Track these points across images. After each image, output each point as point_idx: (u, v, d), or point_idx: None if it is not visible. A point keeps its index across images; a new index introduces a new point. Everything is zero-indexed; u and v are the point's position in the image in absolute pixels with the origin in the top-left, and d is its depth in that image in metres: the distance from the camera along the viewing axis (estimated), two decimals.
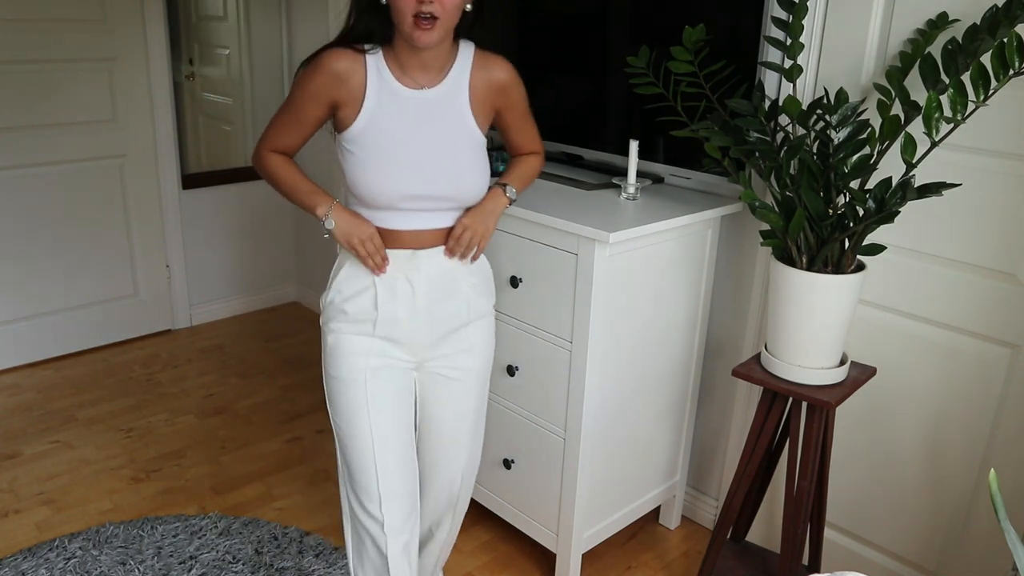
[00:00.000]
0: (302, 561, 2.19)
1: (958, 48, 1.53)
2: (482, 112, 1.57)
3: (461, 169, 1.54)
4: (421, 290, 1.57)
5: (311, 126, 1.57)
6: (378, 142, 1.49)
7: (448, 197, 1.54)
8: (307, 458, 2.72)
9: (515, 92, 1.62)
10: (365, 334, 1.57)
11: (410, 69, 1.50)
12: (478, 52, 1.56)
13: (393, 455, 1.60)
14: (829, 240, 1.61)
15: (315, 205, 1.56)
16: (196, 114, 3.64)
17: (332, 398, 1.62)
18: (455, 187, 1.54)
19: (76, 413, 2.95)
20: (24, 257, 3.18)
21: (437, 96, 1.52)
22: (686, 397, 2.27)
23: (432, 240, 1.57)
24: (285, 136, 1.59)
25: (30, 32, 2.98)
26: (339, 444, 1.64)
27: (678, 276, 2.07)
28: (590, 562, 2.22)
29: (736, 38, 2.03)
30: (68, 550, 2.20)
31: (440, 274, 1.58)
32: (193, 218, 3.62)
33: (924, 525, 1.95)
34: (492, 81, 1.57)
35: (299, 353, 3.51)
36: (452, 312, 1.62)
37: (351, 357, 1.57)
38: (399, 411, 1.62)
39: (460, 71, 1.54)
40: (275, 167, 1.61)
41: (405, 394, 1.64)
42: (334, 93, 1.49)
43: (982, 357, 1.78)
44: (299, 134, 1.58)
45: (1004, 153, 1.67)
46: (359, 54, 1.49)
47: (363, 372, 1.57)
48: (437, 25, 1.40)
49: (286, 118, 1.57)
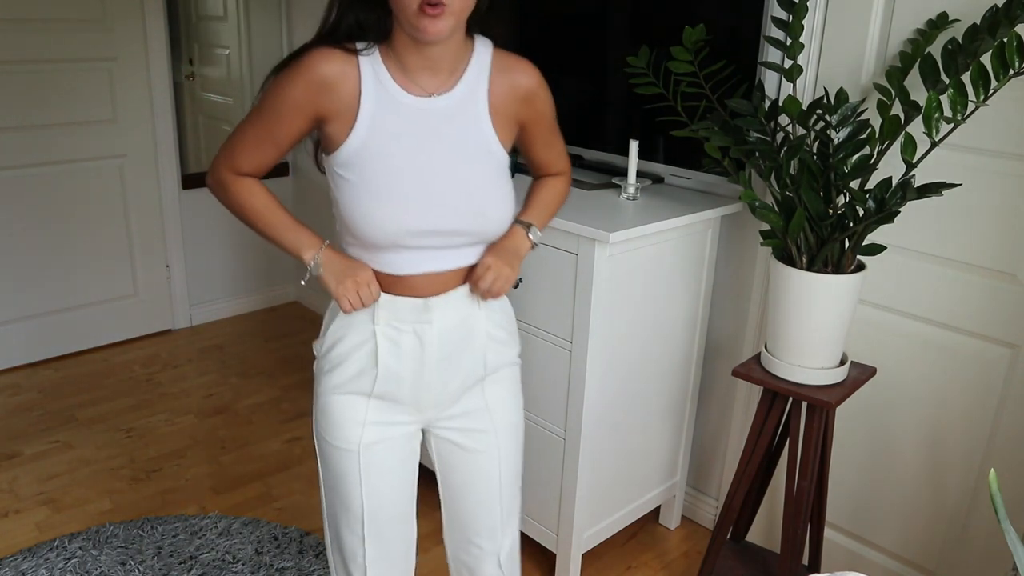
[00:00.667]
0: (302, 561, 2.19)
1: (958, 48, 1.53)
2: (504, 125, 1.29)
3: (482, 196, 1.26)
4: (431, 345, 1.30)
5: (287, 143, 1.26)
6: (377, 165, 1.21)
7: (466, 232, 1.26)
8: (307, 458, 2.72)
9: (542, 101, 1.35)
10: (361, 393, 1.33)
11: (414, 72, 1.22)
12: (497, 52, 1.29)
13: (386, 525, 1.40)
14: (829, 240, 1.61)
15: (300, 247, 1.30)
16: (196, 114, 3.64)
17: (322, 458, 1.40)
18: (474, 219, 1.26)
19: (76, 413, 2.95)
20: (24, 257, 3.18)
21: (448, 105, 1.23)
22: (686, 397, 2.27)
23: (447, 283, 1.29)
24: (254, 155, 1.27)
25: (30, 32, 2.98)
26: (325, 499, 1.43)
27: (678, 276, 2.08)
28: (590, 562, 2.22)
29: (736, 38, 2.03)
30: (68, 550, 2.20)
31: (455, 326, 1.31)
32: (193, 218, 3.62)
33: (924, 525, 1.95)
34: (516, 88, 1.29)
35: (299, 353, 3.51)
36: (466, 369, 1.36)
37: (345, 427, 1.34)
38: (396, 483, 1.39)
39: (476, 74, 1.26)
40: (244, 195, 1.30)
41: (406, 462, 1.40)
42: (320, 104, 1.20)
43: (982, 357, 1.78)
44: (271, 153, 1.27)
45: (1004, 153, 1.67)
46: (350, 55, 1.21)
47: (357, 444, 1.34)
48: (447, 12, 1.12)
49: (257, 133, 1.26)
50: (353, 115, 1.20)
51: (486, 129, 1.26)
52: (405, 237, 1.23)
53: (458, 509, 1.47)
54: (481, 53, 1.27)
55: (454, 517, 1.48)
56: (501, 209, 1.29)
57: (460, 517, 1.47)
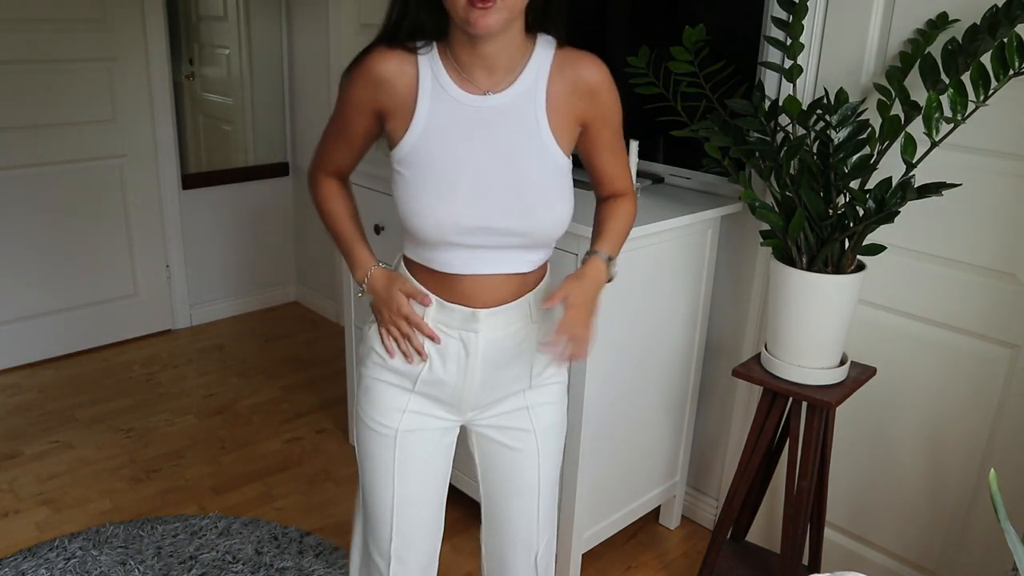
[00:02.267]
0: (302, 561, 2.19)
1: (958, 48, 1.53)
2: (564, 125, 1.25)
3: (533, 196, 1.23)
4: (477, 355, 1.31)
5: (361, 141, 1.32)
6: (431, 160, 1.22)
7: (515, 232, 1.24)
8: (307, 458, 2.72)
9: (608, 99, 1.28)
10: (404, 388, 1.35)
11: (470, 69, 1.21)
12: (561, 50, 1.26)
13: (414, 518, 1.42)
14: (829, 240, 1.61)
15: (354, 264, 1.36)
16: (196, 114, 3.64)
17: (360, 440, 1.42)
18: (524, 219, 1.24)
19: (76, 413, 2.95)
20: (24, 257, 3.18)
21: (504, 103, 1.22)
22: (686, 397, 2.27)
23: (496, 292, 1.28)
24: (336, 154, 1.36)
25: (30, 32, 2.98)
26: (361, 479, 1.45)
27: (678, 276, 2.07)
28: (590, 562, 2.22)
29: (736, 38, 2.03)
30: (68, 550, 2.20)
31: (504, 337, 1.31)
32: (193, 218, 3.62)
33: (924, 525, 1.95)
34: (579, 83, 1.25)
35: (299, 353, 3.51)
36: (511, 378, 1.36)
37: (384, 412, 1.37)
38: (429, 475, 1.41)
39: (535, 73, 1.23)
40: (326, 200, 1.39)
41: (441, 455, 1.42)
42: (379, 101, 1.24)
43: (982, 357, 1.78)
44: (350, 151, 1.34)
45: (1004, 153, 1.67)
46: (409, 53, 1.23)
47: (394, 430, 1.37)
48: (498, 5, 1.11)
49: (334, 132, 1.34)
50: (410, 112, 1.22)
51: (542, 128, 1.24)
52: (455, 234, 1.23)
53: (496, 507, 1.48)
54: (542, 52, 1.25)
55: (492, 515, 1.49)
56: (555, 211, 1.26)
57: (498, 515, 1.48)
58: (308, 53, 3.55)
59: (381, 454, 1.38)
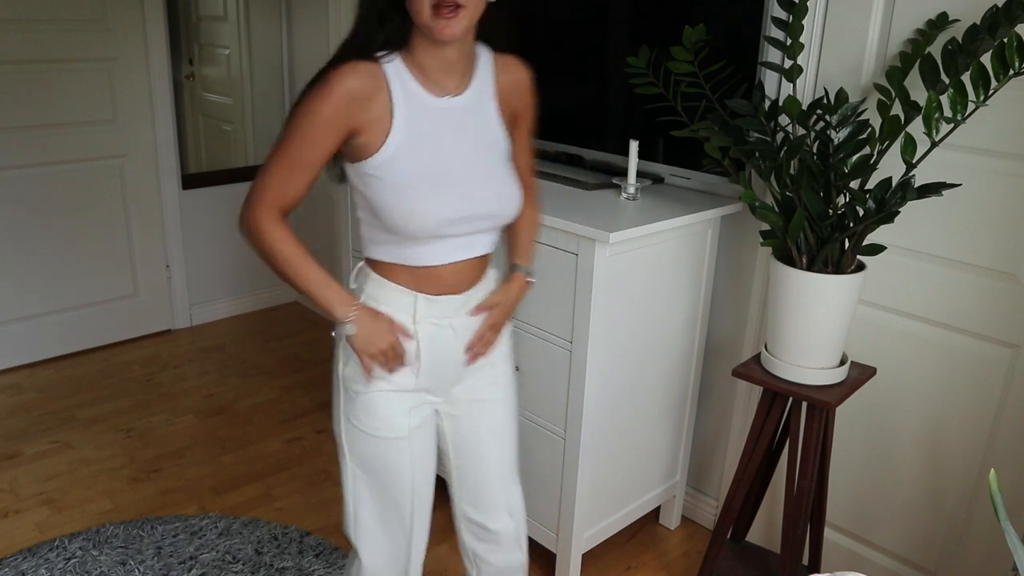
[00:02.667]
0: (302, 561, 2.19)
1: (958, 48, 1.53)
2: (506, 118, 1.41)
3: (499, 181, 1.36)
4: (463, 337, 1.42)
5: (321, 165, 1.27)
6: (419, 161, 1.27)
7: (492, 215, 1.35)
8: (307, 458, 2.72)
9: (532, 96, 1.46)
10: (404, 390, 1.39)
11: (433, 73, 1.29)
12: (497, 54, 1.40)
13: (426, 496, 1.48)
14: (829, 240, 1.61)
15: (333, 305, 1.32)
16: (196, 114, 3.64)
17: (363, 455, 1.42)
18: (499, 203, 1.35)
19: (76, 413, 2.95)
20: (24, 257, 3.18)
21: (465, 103, 1.33)
22: (686, 397, 2.27)
23: (472, 274, 1.39)
24: (291, 185, 1.26)
25: (30, 32, 2.98)
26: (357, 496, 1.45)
27: (678, 276, 2.08)
28: (590, 562, 2.22)
29: (736, 38, 2.03)
30: (68, 550, 2.20)
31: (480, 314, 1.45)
32: (193, 218, 3.62)
33: (924, 525, 1.95)
34: (517, 81, 1.41)
35: (299, 353, 3.51)
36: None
37: (392, 420, 1.39)
38: (431, 453, 1.48)
39: (484, 74, 1.36)
40: (279, 242, 1.29)
41: (434, 431, 1.50)
42: (353, 117, 1.24)
43: (982, 357, 1.78)
44: (307, 178, 1.27)
45: (1004, 153, 1.67)
46: (374, 64, 1.25)
47: (407, 431, 1.40)
48: (462, 14, 1.20)
49: (290, 162, 1.25)
50: (388, 121, 1.26)
51: (497, 122, 1.38)
52: (442, 227, 1.30)
53: (467, 467, 1.54)
54: (484, 55, 1.38)
55: (464, 476, 1.55)
56: (516, 192, 1.39)
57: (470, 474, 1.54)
58: (308, 53, 3.55)
59: (396, 459, 1.41)
